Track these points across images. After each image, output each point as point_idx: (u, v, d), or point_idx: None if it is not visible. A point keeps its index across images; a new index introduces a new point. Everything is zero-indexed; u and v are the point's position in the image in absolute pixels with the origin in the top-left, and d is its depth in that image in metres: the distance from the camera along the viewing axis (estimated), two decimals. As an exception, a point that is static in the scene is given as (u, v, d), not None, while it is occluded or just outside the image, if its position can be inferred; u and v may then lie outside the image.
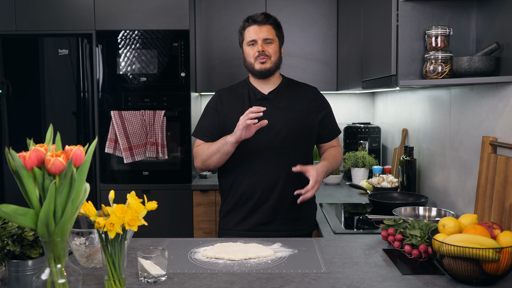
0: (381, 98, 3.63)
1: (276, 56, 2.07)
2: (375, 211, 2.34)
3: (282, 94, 2.11)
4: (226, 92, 2.16)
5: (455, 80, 1.78)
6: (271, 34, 2.06)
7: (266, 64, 2.05)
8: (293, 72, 3.50)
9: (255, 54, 2.05)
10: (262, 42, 2.04)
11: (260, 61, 2.04)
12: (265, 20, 2.05)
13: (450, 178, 2.26)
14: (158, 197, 3.24)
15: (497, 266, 1.29)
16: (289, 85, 2.16)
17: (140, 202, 1.31)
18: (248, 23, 2.07)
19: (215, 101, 2.14)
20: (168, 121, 3.30)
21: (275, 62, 2.07)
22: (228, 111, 2.09)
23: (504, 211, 1.69)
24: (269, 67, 2.05)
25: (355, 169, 3.16)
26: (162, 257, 1.41)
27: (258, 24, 2.05)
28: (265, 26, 2.05)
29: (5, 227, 1.33)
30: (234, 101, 2.11)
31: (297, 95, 2.12)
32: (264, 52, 2.04)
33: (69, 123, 3.27)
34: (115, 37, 3.29)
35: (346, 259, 1.60)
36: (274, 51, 2.07)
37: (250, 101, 2.09)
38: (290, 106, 2.09)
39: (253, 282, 1.40)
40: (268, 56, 2.05)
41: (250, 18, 2.06)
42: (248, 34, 2.07)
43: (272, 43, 2.06)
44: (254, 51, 2.05)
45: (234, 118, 2.03)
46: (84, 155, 1.11)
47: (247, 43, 2.07)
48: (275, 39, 2.07)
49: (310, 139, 2.13)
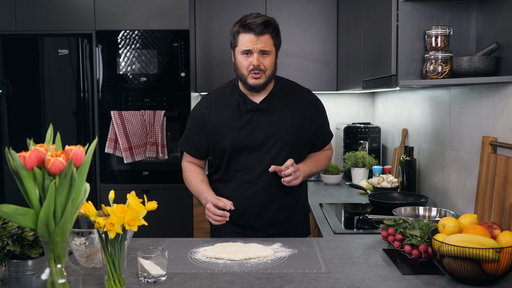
0: (381, 98, 3.63)
1: (271, 69, 1.90)
2: (375, 211, 2.34)
3: (275, 102, 1.95)
4: (213, 100, 1.99)
5: (455, 80, 1.78)
6: (268, 45, 1.86)
7: (260, 79, 1.88)
8: (293, 72, 3.50)
9: (249, 67, 1.87)
10: (258, 55, 1.86)
11: (254, 76, 1.87)
12: (264, 30, 1.84)
13: (450, 178, 2.26)
14: (158, 197, 3.24)
15: (497, 266, 1.29)
16: (282, 91, 1.99)
17: (140, 202, 1.31)
18: (244, 29, 1.86)
19: (201, 113, 1.98)
20: (168, 121, 3.30)
21: (269, 76, 1.90)
22: (216, 125, 1.94)
23: (504, 211, 1.69)
24: (263, 82, 1.89)
25: (355, 169, 3.16)
26: (162, 257, 1.41)
27: (255, 34, 1.84)
28: (263, 36, 1.85)
29: (5, 227, 1.33)
30: (222, 112, 1.95)
31: (291, 103, 1.97)
32: (259, 67, 1.86)
33: (69, 123, 3.27)
34: (115, 37, 3.29)
35: (346, 259, 1.60)
36: (270, 64, 1.89)
37: (240, 112, 1.93)
38: (283, 117, 1.94)
39: (253, 282, 1.40)
40: (263, 70, 1.87)
41: (247, 25, 1.84)
42: (243, 41, 1.87)
43: (269, 55, 1.88)
44: (248, 63, 1.87)
45: (224, 133, 1.92)
46: (84, 155, 1.11)
47: (240, 51, 1.89)
48: (272, 50, 1.89)
49: (302, 151, 2.02)
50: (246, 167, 1.93)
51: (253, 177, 1.93)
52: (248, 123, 1.92)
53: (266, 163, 1.91)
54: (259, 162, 1.92)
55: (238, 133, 1.91)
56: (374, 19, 2.26)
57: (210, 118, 1.95)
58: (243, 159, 1.93)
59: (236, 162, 1.94)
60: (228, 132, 1.92)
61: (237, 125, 1.92)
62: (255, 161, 1.92)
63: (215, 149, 1.96)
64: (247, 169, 1.92)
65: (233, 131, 1.92)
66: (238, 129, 1.92)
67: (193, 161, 2.05)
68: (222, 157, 1.96)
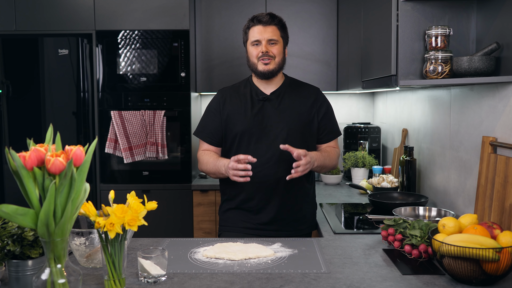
0: (381, 98, 3.63)
1: (280, 57, 2.07)
2: (375, 211, 2.34)
3: (284, 95, 2.11)
4: (228, 91, 2.16)
5: (455, 80, 1.78)
6: (275, 35, 2.05)
7: (269, 65, 2.04)
8: (293, 72, 3.49)
9: (258, 54, 2.04)
10: (267, 43, 2.04)
11: (263, 62, 2.04)
12: (270, 21, 2.04)
13: (450, 178, 2.26)
14: (158, 197, 3.24)
15: (497, 266, 1.29)
16: (291, 86, 2.15)
17: (140, 202, 1.31)
18: (253, 22, 2.06)
19: (218, 101, 2.14)
20: (168, 121, 3.30)
21: (278, 63, 2.07)
22: (230, 112, 2.09)
23: (504, 211, 1.69)
24: (272, 68, 2.05)
25: (355, 169, 3.16)
26: (162, 257, 1.41)
27: (263, 24, 2.04)
28: (270, 27, 2.04)
29: (5, 227, 1.33)
30: (236, 101, 2.11)
31: (299, 96, 2.12)
32: (268, 53, 2.03)
33: (69, 123, 3.27)
34: (115, 37, 3.29)
35: (346, 259, 1.60)
36: (279, 52, 2.06)
37: (253, 102, 2.09)
38: (292, 107, 2.08)
39: (253, 282, 1.40)
40: (272, 56, 2.04)
41: (255, 18, 2.05)
42: (252, 34, 2.06)
43: (277, 44, 2.05)
44: (257, 51, 2.05)
45: (236, 119, 2.07)
46: (84, 155, 1.11)
47: (251, 43, 2.07)
48: (279, 40, 2.07)
49: (310, 141, 2.12)
50: (255, 153, 2.01)
51: (262, 162, 2.01)
52: (259, 111, 2.07)
53: (274, 149, 2.02)
54: (268, 148, 2.03)
55: (249, 119, 2.06)
56: (374, 19, 2.26)
57: (225, 106, 2.11)
58: (253, 145, 2.04)
59: (246, 148, 2.05)
60: (240, 118, 2.06)
61: (248, 113, 2.07)
62: (264, 147, 2.04)
63: (227, 134, 2.09)
64: (256, 154, 2.00)
65: (245, 118, 2.06)
66: (249, 116, 2.06)
67: (209, 149, 2.15)
68: (233, 143, 2.08)
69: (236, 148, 2.08)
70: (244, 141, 2.06)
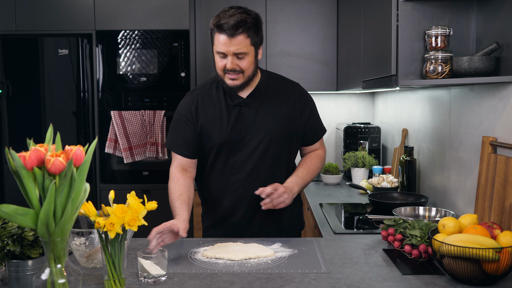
0: (381, 98, 3.63)
1: (250, 69, 1.78)
2: (375, 211, 2.34)
3: (262, 97, 1.87)
4: (199, 95, 1.89)
5: (455, 80, 1.78)
6: (243, 47, 1.72)
7: (237, 80, 1.78)
8: (293, 72, 3.50)
9: (223, 68, 1.76)
10: (233, 58, 1.73)
11: (230, 77, 1.77)
12: (235, 30, 1.69)
13: (450, 178, 2.26)
14: (158, 197, 3.21)
15: (497, 266, 1.29)
16: (269, 84, 1.90)
17: (140, 202, 1.31)
18: (217, 29, 1.72)
19: (188, 108, 1.87)
20: (168, 121, 3.30)
21: (248, 76, 1.79)
22: (204, 122, 1.85)
23: (504, 211, 1.69)
24: (240, 83, 1.79)
25: (355, 169, 3.16)
26: (162, 257, 1.41)
27: (228, 35, 1.70)
28: (236, 39, 1.70)
29: (5, 227, 1.33)
30: (210, 109, 1.86)
31: (279, 98, 1.89)
32: (235, 69, 1.75)
33: (69, 123, 3.27)
34: (115, 37, 3.29)
35: (346, 259, 1.60)
36: (248, 65, 1.76)
37: (228, 108, 1.85)
38: (272, 111, 1.86)
39: (253, 282, 1.40)
40: (241, 71, 1.76)
41: (220, 26, 1.71)
42: (217, 42, 1.74)
43: (245, 56, 1.74)
44: (223, 64, 1.76)
45: (212, 130, 1.84)
46: (84, 155, 1.11)
47: (216, 52, 1.77)
48: (249, 51, 1.74)
49: (293, 146, 1.94)
50: (235, 166, 1.86)
51: (242, 176, 1.86)
52: (236, 120, 1.84)
53: (256, 160, 1.85)
54: (247, 159, 1.85)
55: (225, 131, 1.83)
56: (374, 19, 2.26)
57: (197, 115, 1.86)
58: (231, 158, 1.85)
59: (223, 162, 1.86)
60: (216, 129, 1.84)
61: (224, 122, 1.84)
62: (244, 158, 1.85)
63: (202, 147, 1.87)
64: (236, 168, 1.85)
65: (221, 129, 1.84)
66: (225, 126, 1.84)
67: (182, 164, 1.89)
68: (208, 156, 1.88)
69: (212, 162, 1.88)
70: (221, 155, 1.86)
